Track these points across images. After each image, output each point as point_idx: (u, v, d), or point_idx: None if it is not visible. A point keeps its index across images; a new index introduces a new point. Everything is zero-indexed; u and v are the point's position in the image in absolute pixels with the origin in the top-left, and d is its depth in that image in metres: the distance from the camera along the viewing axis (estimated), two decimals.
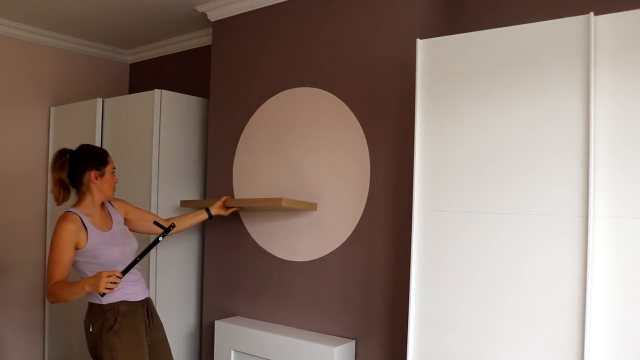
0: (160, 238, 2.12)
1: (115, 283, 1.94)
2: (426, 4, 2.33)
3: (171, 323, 2.91)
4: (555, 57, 1.69)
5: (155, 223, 2.25)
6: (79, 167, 2.16)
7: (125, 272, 2.01)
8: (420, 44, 1.96)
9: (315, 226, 2.55)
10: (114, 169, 2.27)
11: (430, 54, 1.94)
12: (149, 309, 2.27)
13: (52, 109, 3.63)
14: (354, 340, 2.40)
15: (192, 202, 2.90)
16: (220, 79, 3.02)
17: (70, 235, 2.07)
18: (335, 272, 2.48)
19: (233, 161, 2.91)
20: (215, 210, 2.64)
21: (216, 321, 2.77)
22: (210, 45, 3.19)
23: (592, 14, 1.62)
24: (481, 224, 1.80)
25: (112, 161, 2.26)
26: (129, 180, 2.96)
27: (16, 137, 3.49)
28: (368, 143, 2.39)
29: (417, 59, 1.95)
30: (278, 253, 2.69)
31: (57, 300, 2.05)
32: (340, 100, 2.49)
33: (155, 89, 2.98)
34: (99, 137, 3.27)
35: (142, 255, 2.07)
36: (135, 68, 4.09)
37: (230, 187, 2.91)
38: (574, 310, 1.62)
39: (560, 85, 1.67)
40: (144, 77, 4.00)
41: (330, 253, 2.49)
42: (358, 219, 2.41)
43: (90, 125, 3.29)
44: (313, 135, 2.58)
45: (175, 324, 3.01)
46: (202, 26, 3.37)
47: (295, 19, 2.69)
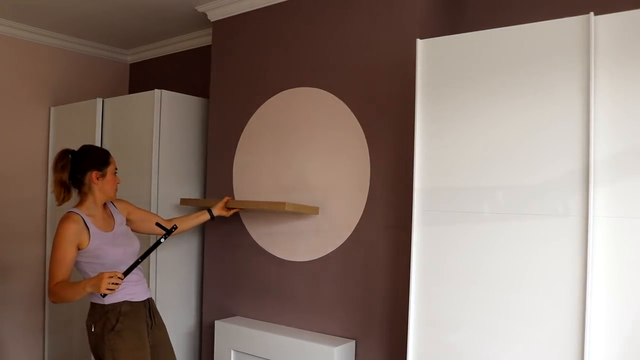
0: (162, 240, 2.12)
1: (116, 284, 1.95)
2: (426, 4, 2.33)
3: (171, 323, 2.90)
4: (555, 57, 1.69)
5: (158, 224, 2.26)
6: (80, 168, 2.17)
7: (127, 273, 2.01)
8: (420, 44, 1.96)
9: (315, 226, 2.55)
10: (116, 169, 2.27)
11: (430, 54, 1.94)
12: (150, 309, 2.27)
13: (52, 109, 3.63)
14: (354, 341, 2.41)
15: (192, 201, 2.90)
16: (220, 79, 3.02)
17: (73, 235, 2.07)
18: (335, 272, 2.48)
19: (233, 161, 2.91)
20: (217, 211, 2.64)
21: (216, 321, 2.77)
22: (210, 45, 3.19)
23: (592, 14, 1.62)
24: (481, 224, 1.80)
25: (114, 162, 2.26)
26: (129, 180, 2.96)
27: (16, 137, 3.49)
28: (368, 143, 2.40)
29: (417, 59, 1.95)
30: (278, 253, 2.69)
31: (59, 300, 2.05)
32: (340, 100, 2.50)
33: (155, 89, 2.98)
34: (99, 137, 3.26)
35: (144, 256, 2.08)
36: (135, 68, 4.09)
37: (230, 187, 2.91)
38: (574, 310, 1.62)
39: (560, 85, 1.68)
40: (144, 77, 4.00)
41: (330, 253, 2.50)
42: (358, 219, 2.41)
43: (90, 125, 3.29)
44: (313, 135, 2.58)
45: (175, 324, 3.01)
46: (202, 26, 3.37)
47: (296, 19, 2.69)
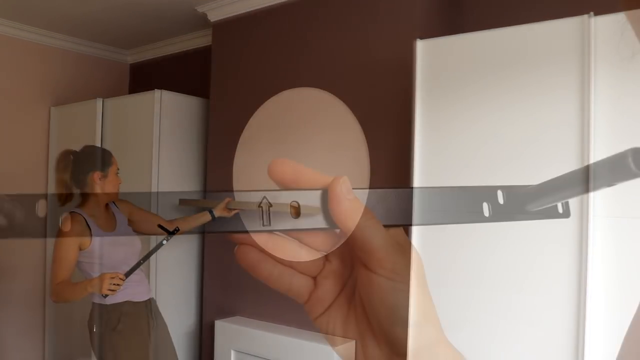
0: (164, 241, 2.12)
1: (118, 285, 1.95)
2: (426, 4, 2.33)
3: (171, 323, 2.90)
4: (554, 57, 1.69)
5: (160, 226, 2.26)
6: (82, 168, 2.17)
7: (128, 274, 2.02)
8: (419, 44, 1.96)
9: (315, 226, 2.55)
10: (118, 169, 2.27)
11: (430, 55, 1.95)
12: (152, 309, 2.28)
13: (52, 109, 3.63)
14: (354, 341, 2.40)
15: (192, 202, 2.90)
16: (220, 79, 3.02)
17: (75, 235, 2.08)
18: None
19: (233, 161, 2.91)
20: (218, 212, 2.64)
21: (216, 321, 2.77)
22: (210, 45, 3.19)
23: (592, 13, 1.63)
24: (481, 225, 1.80)
25: (116, 162, 2.27)
26: (129, 180, 2.95)
27: (16, 137, 3.49)
28: (367, 143, 2.40)
29: (417, 59, 1.96)
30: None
31: (61, 300, 2.06)
32: (340, 101, 2.50)
33: (155, 89, 2.98)
34: (99, 137, 3.26)
35: (146, 258, 2.09)
36: (135, 68, 4.09)
37: (230, 188, 2.90)
38: (572, 309, 1.62)
39: (559, 85, 1.68)
40: (144, 77, 4.00)
41: (330, 253, 2.49)
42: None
43: (91, 125, 3.29)
44: (313, 135, 2.58)
45: (175, 324, 3.01)
46: (202, 26, 3.37)
47: (295, 19, 2.69)
